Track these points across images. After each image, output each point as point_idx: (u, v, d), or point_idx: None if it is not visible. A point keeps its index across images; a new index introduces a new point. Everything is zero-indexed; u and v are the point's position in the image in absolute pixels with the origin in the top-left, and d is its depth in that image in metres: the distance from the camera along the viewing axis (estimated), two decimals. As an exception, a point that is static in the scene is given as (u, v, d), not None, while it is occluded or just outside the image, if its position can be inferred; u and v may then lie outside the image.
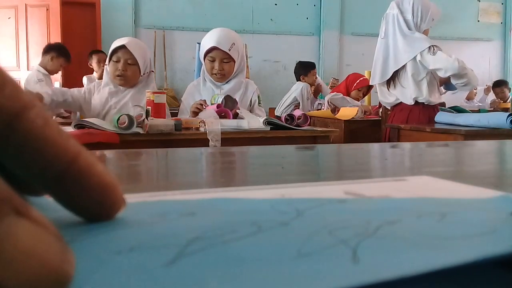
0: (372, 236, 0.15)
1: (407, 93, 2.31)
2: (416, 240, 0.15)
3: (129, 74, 1.85)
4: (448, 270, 0.13)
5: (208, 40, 1.88)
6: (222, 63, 1.87)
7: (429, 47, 2.22)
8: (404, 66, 2.30)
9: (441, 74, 2.23)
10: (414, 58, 2.26)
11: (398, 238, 0.15)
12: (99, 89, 1.90)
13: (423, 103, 2.29)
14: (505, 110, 3.69)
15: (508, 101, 4.64)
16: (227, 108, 1.71)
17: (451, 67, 2.17)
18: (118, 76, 1.83)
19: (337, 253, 0.13)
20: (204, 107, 1.74)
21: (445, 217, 0.18)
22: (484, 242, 0.15)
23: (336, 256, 0.13)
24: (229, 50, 1.85)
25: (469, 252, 0.13)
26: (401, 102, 2.35)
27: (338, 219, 0.18)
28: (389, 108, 2.50)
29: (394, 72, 2.34)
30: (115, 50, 1.84)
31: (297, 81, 3.99)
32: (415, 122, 2.25)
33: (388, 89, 2.40)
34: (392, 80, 2.37)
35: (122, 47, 1.83)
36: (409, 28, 2.30)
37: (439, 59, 2.20)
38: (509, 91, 4.89)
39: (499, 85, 4.84)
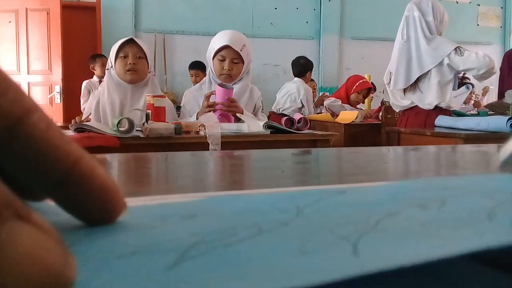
0: (373, 230, 0.15)
1: (425, 98, 2.26)
2: (415, 231, 0.15)
3: (140, 68, 1.80)
4: (437, 264, 0.13)
5: (220, 39, 1.88)
6: (231, 63, 1.86)
7: (455, 49, 2.17)
8: (427, 71, 2.24)
9: (473, 73, 2.19)
10: (441, 62, 2.20)
11: (398, 230, 0.15)
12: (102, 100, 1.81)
13: (441, 107, 2.24)
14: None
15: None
16: (226, 87, 1.73)
17: (483, 64, 2.12)
18: (128, 70, 1.78)
19: (338, 248, 0.13)
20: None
21: (444, 204, 0.18)
22: (478, 233, 0.15)
23: (337, 251, 0.13)
24: (241, 50, 1.85)
25: (463, 243, 0.14)
26: (416, 105, 2.30)
27: (338, 215, 0.18)
28: (397, 111, 2.46)
29: None
30: (121, 46, 1.80)
31: (298, 77, 3.77)
32: (433, 126, 2.20)
33: (404, 93, 2.34)
34: (411, 84, 2.30)
35: (129, 41, 1.80)
36: (430, 31, 2.25)
37: (469, 59, 2.14)
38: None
39: None
